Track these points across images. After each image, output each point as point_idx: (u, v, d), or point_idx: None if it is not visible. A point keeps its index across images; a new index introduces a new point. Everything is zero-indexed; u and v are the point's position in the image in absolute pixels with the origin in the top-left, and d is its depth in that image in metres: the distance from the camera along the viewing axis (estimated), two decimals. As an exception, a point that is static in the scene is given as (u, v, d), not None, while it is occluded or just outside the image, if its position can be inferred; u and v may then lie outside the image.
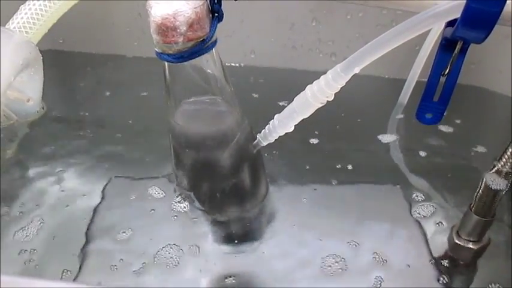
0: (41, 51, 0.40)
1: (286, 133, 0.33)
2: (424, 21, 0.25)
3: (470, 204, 0.34)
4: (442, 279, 0.34)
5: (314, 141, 0.47)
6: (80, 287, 0.28)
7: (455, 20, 0.25)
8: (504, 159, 0.31)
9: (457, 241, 0.35)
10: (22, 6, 0.39)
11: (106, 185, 0.41)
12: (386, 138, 0.49)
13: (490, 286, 0.34)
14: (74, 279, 0.33)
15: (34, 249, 0.35)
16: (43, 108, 0.45)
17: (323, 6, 0.55)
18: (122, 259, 0.35)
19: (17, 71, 0.36)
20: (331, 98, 0.29)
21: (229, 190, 0.36)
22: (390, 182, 0.43)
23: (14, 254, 0.35)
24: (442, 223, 0.39)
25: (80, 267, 0.34)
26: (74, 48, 0.61)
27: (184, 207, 0.39)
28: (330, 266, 0.35)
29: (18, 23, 0.39)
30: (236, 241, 0.37)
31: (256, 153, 0.36)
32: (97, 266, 0.34)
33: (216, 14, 0.28)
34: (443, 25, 0.28)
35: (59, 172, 0.42)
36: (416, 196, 0.41)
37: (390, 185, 0.42)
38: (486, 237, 0.35)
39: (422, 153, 0.47)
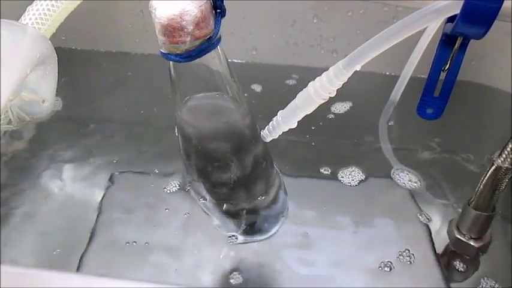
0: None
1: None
2: (425, 17, 0.26)
3: (469, 199, 0.34)
4: (442, 273, 0.35)
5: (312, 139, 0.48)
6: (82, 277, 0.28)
7: (455, 16, 0.25)
8: (504, 155, 0.31)
9: (458, 236, 0.35)
10: (29, 7, 0.39)
11: (111, 181, 0.41)
12: (384, 134, 0.49)
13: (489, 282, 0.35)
14: (77, 271, 0.34)
15: (39, 243, 0.36)
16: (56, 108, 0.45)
17: (324, 3, 0.55)
18: (126, 252, 0.35)
19: (33, 64, 0.35)
20: (333, 94, 0.29)
21: (237, 182, 0.36)
22: (390, 177, 0.43)
23: (18, 248, 0.36)
24: (441, 218, 0.39)
25: (82, 258, 0.35)
26: (76, 45, 0.61)
27: (195, 199, 0.39)
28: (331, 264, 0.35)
29: (26, 24, 0.39)
30: (247, 232, 0.37)
31: (262, 146, 0.36)
32: (103, 258, 0.35)
33: (219, 10, 0.29)
34: (438, 24, 0.28)
35: (63, 168, 0.43)
36: (416, 192, 0.41)
37: (391, 180, 0.43)
38: (488, 234, 0.35)
39: (422, 150, 0.47)
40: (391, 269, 0.35)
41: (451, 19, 0.26)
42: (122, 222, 0.38)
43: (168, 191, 0.40)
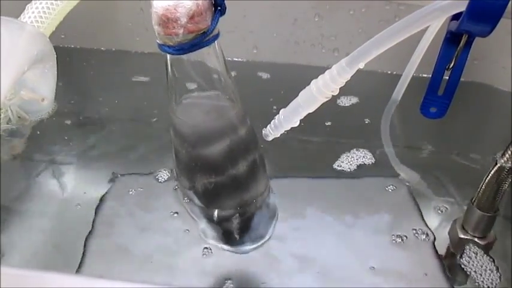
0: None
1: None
2: (429, 15, 0.25)
3: (472, 199, 0.34)
4: (445, 274, 0.34)
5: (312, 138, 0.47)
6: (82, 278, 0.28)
7: (460, 14, 0.25)
8: (507, 155, 0.30)
9: (462, 235, 0.35)
10: (28, 5, 0.39)
11: (111, 181, 0.41)
12: (386, 133, 0.49)
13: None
14: (77, 272, 0.33)
15: (39, 244, 0.36)
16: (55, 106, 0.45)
17: (325, 2, 0.55)
18: (123, 256, 0.35)
19: (31, 61, 0.35)
20: (336, 93, 0.29)
21: (228, 186, 0.36)
22: (390, 176, 0.43)
23: (18, 249, 0.35)
24: (443, 218, 0.39)
25: (82, 258, 0.34)
26: (75, 44, 0.61)
27: (184, 203, 0.38)
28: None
29: (25, 22, 0.39)
30: (236, 237, 0.37)
31: (256, 148, 0.36)
32: (100, 260, 0.35)
33: (219, 8, 0.28)
34: (441, 23, 0.28)
35: (63, 168, 0.42)
36: (417, 192, 0.41)
37: (391, 179, 0.42)
38: (492, 233, 0.35)
39: (424, 149, 0.47)
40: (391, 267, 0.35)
41: (456, 17, 0.26)
42: (122, 223, 0.37)
43: (169, 191, 0.40)
